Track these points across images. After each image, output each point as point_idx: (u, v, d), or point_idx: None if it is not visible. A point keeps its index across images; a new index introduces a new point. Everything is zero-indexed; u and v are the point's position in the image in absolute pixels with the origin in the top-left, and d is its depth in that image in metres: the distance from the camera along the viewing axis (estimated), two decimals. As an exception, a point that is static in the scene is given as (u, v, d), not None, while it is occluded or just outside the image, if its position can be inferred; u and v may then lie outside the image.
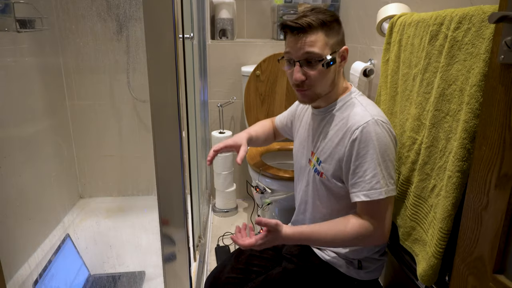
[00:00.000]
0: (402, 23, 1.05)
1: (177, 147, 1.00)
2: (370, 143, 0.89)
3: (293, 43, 0.94)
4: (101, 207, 2.12)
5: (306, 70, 0.94)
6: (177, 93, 0.96)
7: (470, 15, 0.75)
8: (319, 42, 0.92)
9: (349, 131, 0.93)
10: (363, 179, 0.90)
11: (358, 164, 0.91)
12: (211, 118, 2.24)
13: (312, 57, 0.92)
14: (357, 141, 0.90)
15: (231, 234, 1.11)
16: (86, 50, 1.88)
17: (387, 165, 0.90)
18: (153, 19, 0.90)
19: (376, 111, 0.94)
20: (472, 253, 0.65)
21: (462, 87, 0.77)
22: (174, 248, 1.08)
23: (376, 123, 0.90)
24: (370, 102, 0.99)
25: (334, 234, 0.92)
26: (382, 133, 0.90)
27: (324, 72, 0.94)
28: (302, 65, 0.94)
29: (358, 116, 0.93)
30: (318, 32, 0.91)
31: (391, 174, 0.91)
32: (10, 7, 1.32)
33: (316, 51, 0.91)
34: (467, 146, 0.74)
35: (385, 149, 0.90)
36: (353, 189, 0.92)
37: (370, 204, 0.90)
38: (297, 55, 0.93)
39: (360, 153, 0.90)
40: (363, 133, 0.90)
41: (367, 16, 1.61)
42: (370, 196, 0.89)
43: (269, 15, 2.27)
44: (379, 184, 0.89)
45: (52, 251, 1.36)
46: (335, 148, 0.96)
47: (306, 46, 0.91)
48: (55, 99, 1.96)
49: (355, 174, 0.91)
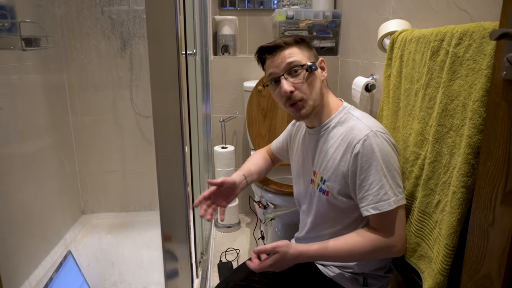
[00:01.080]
0: (403, 39, 1.06)
1: (180, 163, 1.00)
2: (372, 156, 0.90)
3: (273, 62, 0.98)
4: (103, 223, 2.11)
5: (292, 80, 0.96)
6: (179, 108, 0.96)
7: (470, 31, 0.75)
8: (297, 54, 0.97)
9: (350, 146, 0.93)
10: (370, 192, 0.90)
11: (364, 178, 0.91)
12: (214, 133, 2.24)
13: (294, 65, 0.96)
14: (360, 155, 0.90)
15: (234, 250, 1.09)
16: (90, 67, 1.90)
17: (392, 174, 0.91)
18: (156, 36, 0.92)
19: (373, 123, 0.95)
20: (479, 271, 0.64)
21: (464, 102, 0.77)
22: (177, 264, 1.07)
23: (375, 134, 0.91)
24: (364, 115, 1.00)
25: (350, 247, 0.92)
26: (383, 143, 0.91)
27: (310, 77, 0.96)
28: (286, 77, 0.97)
29: (356, 130, 0.93)
30: (293, 47, 0.98)
31: (398, 183, 0.92)
32: (16, 26, 1.34)
33: (297, 59, 0.96)
34: (471, 161, 0.74)
35: (388, 159, 0.91)
36: (362, 203, 0.92)
37: (381, 216, 0.90)
38: (279, 69, 0.97)
39: (364, 167, 0.90)
40: (365, 146, 0.90)
41: (368, 32, 1.62)
42: (379, 209, 0.89)
43: (271, 31, 2.30)
44: (386, 195, 0.89)
45: (53, 268, 1.35)
46: (338, 165, 0.96)
47: (286, 58, 0.96)
48: (59, 115, 1.97)
49: (362, 188, 0.91)
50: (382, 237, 0.91)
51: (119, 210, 2.18)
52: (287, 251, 0.91)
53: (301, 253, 0.93)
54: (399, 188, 0.92)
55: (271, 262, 0.92)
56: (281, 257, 0.92)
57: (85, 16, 1.82)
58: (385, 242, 0.91)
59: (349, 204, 0.97)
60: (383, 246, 0.91)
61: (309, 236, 1.11)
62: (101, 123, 2.05)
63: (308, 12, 2.05)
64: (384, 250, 0.93)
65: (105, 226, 2.08)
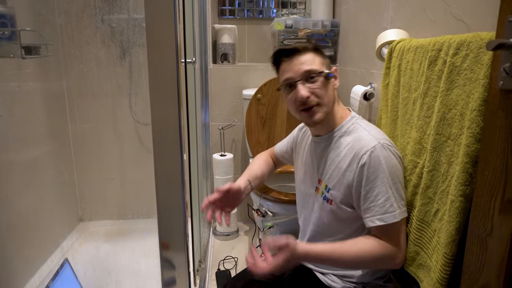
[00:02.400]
0: (401, 48, 1.07)
1: (178, 170, 1.00)
2: (379, 167, 0.90)
3: (290, 66, 0.98)
4: (101, 230, 2.10)
5: (309, 86, 0.96)
6: (178, 116, 0.96)
7: (468, 41, 0.76)
8: (315, 60, 0.97)
9: (356, 157, 0.93)
10: (375, 203, 0.90)
11: (369, 189, 0.91)
12: (213, 141, 2.24)
13: (312, 72, 0.96)
14: (366, 166, 0.91)
15: (232, 258, 1.09)
16: (90, 75, 1.91)
17: (397, 187, 0.91)
18: (156, 45, 0.92)
19: (380, 135, 0.96)
20: (478, 280, 0.64)
21: (462, 111, 0.78)
22: (174, 272, 1.07)
23: (382, 146, 0.91)
24: (372, 126, 1.00)
25: (356, 253, 0.91)
26: (389, 156, 0.92)
27: (326, 85, 0.97)
28: (303, 83, 0.96)
29: (364, 141, 0.94)
30: (311, 53, 0.98)
31: (402, 196, 0.93)
32: (16, 34, 1.35)
33: (315, 67, 0.96)
34: (469, 170, 0.74)
35: (394, 171, 0.91)
36: (366, 214, 0.92)
37: (385, 228, 0.91)
38: (297, 74, 0.97)
39: (370, 178, 0.91)
40: (372, 157, 0.90)
41: (366, 41, 1.64)
42: (385, 220, 0.89)
43: (270, 40, 2.31)
44: (392, 207, 0.89)
45: (50, 276, 1.34)
46: (344, 174, 0.96)
47: (304, 65, 0.96)
48: (58, 123, 1.97)
49: (367, 199, 0.91)
50: (387, 247, 0.91)
51: (117, 218, 2.17)
52: (296, 248, 0.89)
53: (308, 252, 0.91)
54: (403, 201, 0.93)
55: (283, 260, 0.87)
56: (291, 254, 0.88)
57: (85, 25, 1.83)
58: (390, 253, 0.91)
59: (351, 214, 0.97)
60: (386, 256, 0.91)
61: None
62: (100, 131, 2.05)
63: (307, 21, 2.06)
64: (387, 261, 0.93)
65: (102, 234, 2.07)
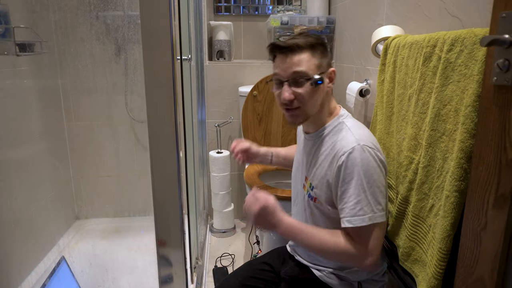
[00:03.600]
0: (396, 44, 1.07)
1: (175, 167, 1.00)
2: (355, 169, 0.89)
3: (281, 63, 0.96)
4: (97, 228, 2.10)
5: (295, 89, 0.95)
6: (174, 113, 0.96)
7: (462, 37, 0.76)
8: (307, 62, 0.94)
9: (336, 157, 0.92)
10: (347, 205, 0.90)
11: (344, 190, 0.90)
12: (209, 138, 2.24)
13: (300, 76, 0.94)
14: (343, 167, 0.90)
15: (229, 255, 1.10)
16: (85, 72, 1.90)
17: (373, 191, 0.89)
18: (151, 42, 0.92)
19: (363, 136, 0.93)
20: (472, 274, 0.64)
21: (457, 107, 0.78)
22: (171, 270, 1.07)
23: (362, 148, 0.89)
24: (358, 125, 0.98)
25: (321, 241, 0.93)
26: (368, 158, 0.89)
27: (312, 91, 0.95)
28: (290, 84, 0.95)
29: (344, 141, 0.93)
30: (305, 52, 0.94)
31: (378, 200, 0.90)
32: (10, 31, 1.34)
33: (304, 70, 0.94)
34: (464, 166, 0.74)
35: (370, 174, 0.89)
36: (340, 214, 0.92)
37: (354, 230, 0.90)
38: (285, 74, 0.95)
39: (346, 179, 0.90)
40: (349, 159, 0.89)
41: (362, 37, 1.64)
42: (352, 223, 0.89)
43: (265, 37, 2.31)
44: (362, 211, 0.88)
45: (46, 274, 1.34)
46: (325, 174, 0.96)
47: (294, 66, 0.94)
48: (53, 120, 1.96)
49: (341, 200, 0.91)
50: (351, 247, 0.90)
51: (113, 216, 2.16)
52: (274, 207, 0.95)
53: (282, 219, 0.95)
54: (379, 205, 0.90)
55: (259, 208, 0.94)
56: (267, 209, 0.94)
57: (79, 22, 1.82)
58: (355, 253, 0.90)
59: (335, 213, 0.97)
60: (352, 256, 0.91)
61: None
62: (95, 128, 2.05)
63: (302, 18, 2.06)
64: (352, 260, 0.93)
65: (99, 232, 2.07)
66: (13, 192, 1.54)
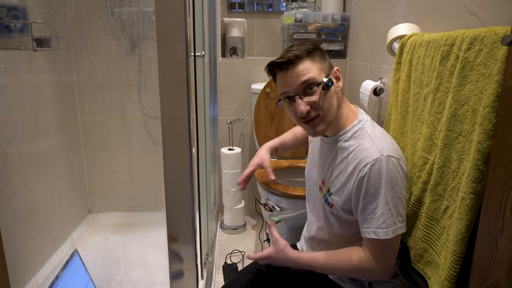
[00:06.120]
0: (413, 43, 1.06)
1: (187, 164, 1.00)
2: (379, 182, 0.87)
3: (286, 79, 0.93)
4: (110, 222, 2.13)
5: (307, 99, 0.92)
6: (187, 109, 0.97)
7: (481, 36, 0.75)
8: (311, 69, 0.92)
9: (357, 168, 0.90)
10: (372, 216, 0.89)
11: (367, 202, 0.89)
12: (221, 135, 2.25)
13: (309, 83, 0.91)
14: (366, 179, 0.88)
15: (239, 252, 1.12)
16: (100, 68, 1.92)
17: (395, 202, 0.88)
18: (165, 38, 0.92)
19: (386, 145, 0.91)
20: (488, 279, 0.63)
21: (474, 107, 0.76)
22: (182, 265, 1.08)
23: (385, 160, 0.87)
24: (379, 133, 0.96)
25: (337, 264, 0.94)
26: (391, 170, 0.88)
27: (326, 95, 0.92)
28: (301, 97, 0.92)
29: (366, 152, 0.90)
30: (305, 60, 0.92)
31: (399, 212, 0.89)
32: (28, 26, 1.36)
33: (311, 76, 0.91)
34: (481, 167, 0.73)
35: (393, 186, 0.88)
36: (363, 225, 0.91)
37: (377, 242, 0.89)
38: (294, 88, 0.92)
39: (369, 191, 0.88)
40: (372, 170, 0.87)
41: (377, 35, 1.62)
42: (377, 235, 0.88)
43: (279, 34, 2.30)
44: (385, 224, 0.87)
45: (59, 266, 1.36)
46: (345, 182, 0.94)
47: (300, 76, 0.91)
48: (67, 115, 1.99)
49: (365, 211, 0.90)
50: (372, 261, 0.90)
51: (126, 210, 2.19)
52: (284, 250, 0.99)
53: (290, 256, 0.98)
54: (400, 217, 0.89)
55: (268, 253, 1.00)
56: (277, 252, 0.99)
57: (95, 18, 1.84)
58: (373, 266, 0.90)
59: (352, 218, 0.97)
60: (369, 269, 0.91)
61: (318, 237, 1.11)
62: (109, 123, 2.07)
63: (317, 15, 2.05)
64: (369, 273, 0.93)
65: (111, 226, 2.10)
66: (28, 184, 1.57)
